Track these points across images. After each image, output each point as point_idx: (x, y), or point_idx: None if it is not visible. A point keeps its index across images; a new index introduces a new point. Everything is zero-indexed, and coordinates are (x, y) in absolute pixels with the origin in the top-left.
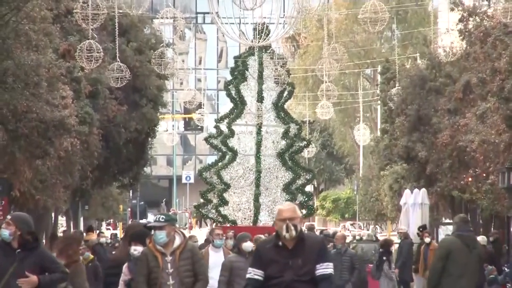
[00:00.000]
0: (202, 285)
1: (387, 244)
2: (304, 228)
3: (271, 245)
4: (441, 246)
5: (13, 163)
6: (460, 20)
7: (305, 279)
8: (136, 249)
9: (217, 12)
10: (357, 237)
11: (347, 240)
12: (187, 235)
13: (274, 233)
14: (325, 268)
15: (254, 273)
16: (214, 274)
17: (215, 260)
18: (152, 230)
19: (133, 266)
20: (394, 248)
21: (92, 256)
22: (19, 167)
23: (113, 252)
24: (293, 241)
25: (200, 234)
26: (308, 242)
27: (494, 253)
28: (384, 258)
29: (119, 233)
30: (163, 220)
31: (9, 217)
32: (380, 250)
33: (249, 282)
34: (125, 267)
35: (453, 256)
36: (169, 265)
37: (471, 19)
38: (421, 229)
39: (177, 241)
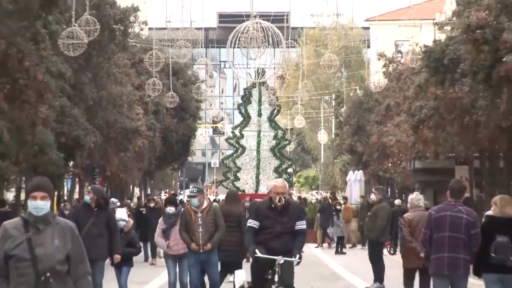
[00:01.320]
0: (220, 232)
1: (335, 204)
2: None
3: (266, 206)
4: (385, 211)
5: (106, 155)
6: (384, 66)
7: (289, 231)
8: (171, 209)
9: (232, 61)
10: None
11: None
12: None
13: (268, 198)
14: (302, 225)
15: (253, 223)
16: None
17: None
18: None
19: (166, 219)
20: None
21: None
22: (110, 157)
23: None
24: (280, 204)
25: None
26: (292, 206)
27: (407, 209)
28: (334, 213)
29: None
30: (195, 191)
31: (89, 188)
32: (333, 208)
33: (249, 229)
34: (161, 220)
35: (391, 216)
36: (199, 219)
37: (390, 65)
38: (332, 194)
39: (205, 204)
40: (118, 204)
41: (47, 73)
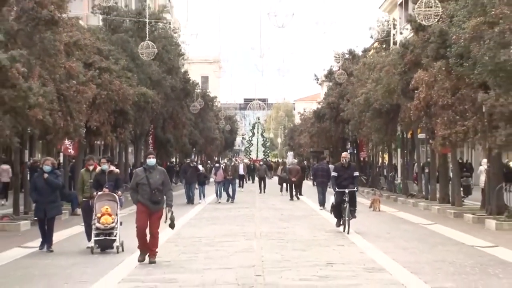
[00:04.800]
0: (236, 174)
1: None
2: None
3: (339, 165)
4: (296, 167)
5: (205, 147)
6: (300, 117)
7: (350, 176)
8: (217, 165)
9: (247, 114)
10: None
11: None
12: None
13: (340, 162)
14: (356, 173)
15: (334, 174)
16: (240, 170)
17: (241, 167)
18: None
19: (216, 168)
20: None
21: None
22: (207, 148)
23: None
24: (346, 164)
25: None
26: (351, 165)
27: (305, 167)
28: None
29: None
30: (232, 161)
31: (193, 159)
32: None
33: (333, 177)
34: (213, 168)
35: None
36: (230, 168)
37: (302, 116)
38: (283, 162)
39: (233, 163)
40: (210, 162)
41: (186, 119)
